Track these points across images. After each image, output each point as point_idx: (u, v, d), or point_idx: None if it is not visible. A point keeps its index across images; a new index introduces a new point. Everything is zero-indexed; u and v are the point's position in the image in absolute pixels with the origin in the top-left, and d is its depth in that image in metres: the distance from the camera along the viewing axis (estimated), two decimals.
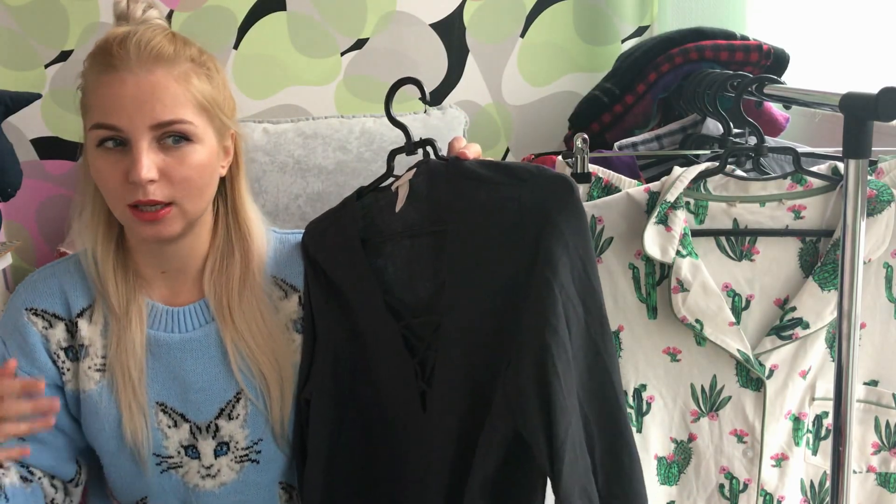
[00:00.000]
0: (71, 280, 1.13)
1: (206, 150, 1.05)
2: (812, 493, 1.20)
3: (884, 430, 1.18)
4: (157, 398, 1.11)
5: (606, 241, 1.17)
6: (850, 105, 0.98)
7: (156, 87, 1.00)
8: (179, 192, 1.03)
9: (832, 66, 1.63)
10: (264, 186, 1.87)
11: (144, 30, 1.03)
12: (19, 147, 1.85)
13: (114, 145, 1.01)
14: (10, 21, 1.99)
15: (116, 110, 0.99)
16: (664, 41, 1.59)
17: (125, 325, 1.09)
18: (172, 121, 1.01)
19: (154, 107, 1.00)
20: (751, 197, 1.16)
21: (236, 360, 1.11)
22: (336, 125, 1.95)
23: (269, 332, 1.12)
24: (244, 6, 2.01)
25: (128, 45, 1.00)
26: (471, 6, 2.02)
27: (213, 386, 1.12)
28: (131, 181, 1.00)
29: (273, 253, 1.17)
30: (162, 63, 1.01)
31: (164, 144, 1.01)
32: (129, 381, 1.09)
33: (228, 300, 1.11)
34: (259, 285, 1.13)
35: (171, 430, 1.12)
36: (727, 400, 1.18)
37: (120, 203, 1.03)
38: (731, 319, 1.13)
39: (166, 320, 1.12)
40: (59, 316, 1.12)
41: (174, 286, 1.14)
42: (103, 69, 1.01)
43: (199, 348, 1.12)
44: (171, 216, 1.03)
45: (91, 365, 1.11)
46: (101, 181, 1.03)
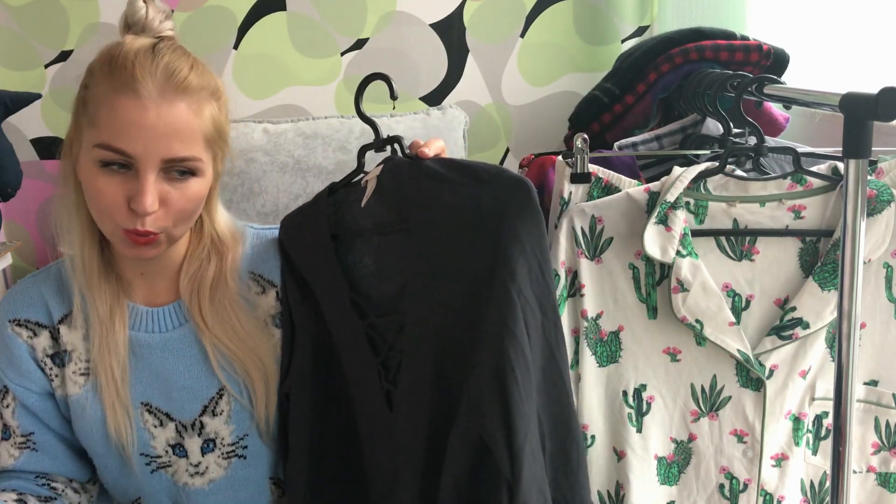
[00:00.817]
0: (50, 288, 1.13)
1: (205, 182, 1.05)
2: (812, 493, 1.20)
3: (884, 430, 1.18)
4: (141, 398, 1.12)
5: (606, 241, 1.17)
6: (850, 105, 0.98)
7: (176, 121, 0.98)
8: (173, 221, 1.03)
9: (832, 66, 1.64)
10: (264, 186, 1.87)
11: (170, 54, 1.00)
12: (19, 147, 1.85)
13: (118, 167, 0.99)
14: (10, 21, 1.99)
15: (132, 137, 0.97)
16: (664, 41, 1.59)
17: (108, 328, 1.09)
18: (186, 158, 1.00)
19: (171, 142, 0.98)
20: (751, 197, 1.16)
21: (217, 359, 1.11)
22: (336, 125, 1.95)
23: (247, 332, 1.12)
24: (244, 6, 2.01)
25: (154, 71, 0.97)
26: (471, 6, 2.02)
27: (195, 384, 1.12)
28: (132, 208, 0.99)
29: (250, 249, 1.17)
30: (184, 96, 0.99)
31: (170, 176, 1.01)
32: (112, 381, 1.09)
33: (200, 305, 1.11)
34: (232, 288, 1.13)
35: (158, 430, 1.13)
36: (727, 400, 1.18)
37: (113, 223, 1.02)
38: (731, 319, 1.13)
39: (146, 321, 1.12)
40: (42, 324, 1.12)
41: (153, 287, 1.14)
42: (122, 89, 0.97)
43: (179, 347, 1.12)
44: (159, 241, 1.04)
45: (75, 370, 1.11)
46: (97, 200, 1.01)
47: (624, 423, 1.19)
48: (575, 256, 1.17)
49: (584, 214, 1.17)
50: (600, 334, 1.19)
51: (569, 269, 1.18)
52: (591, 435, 1.20)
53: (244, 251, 1.17)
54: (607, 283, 1.18)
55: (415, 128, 1.94)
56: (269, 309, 1.16)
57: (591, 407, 1.20)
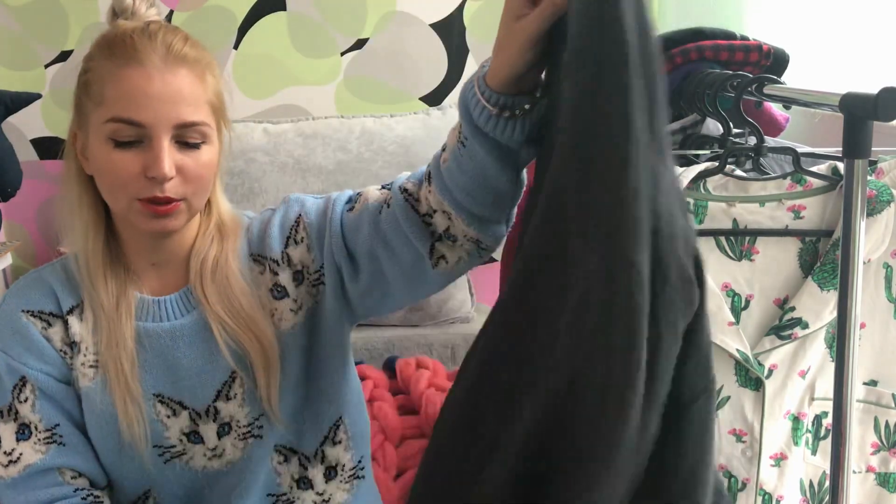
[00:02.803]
0: (58, 280, 1.13)
1: (215, 149, 1.07)
2: (811, 493, 1.20)
3: (883, 430, 1.18)
4: (153, 390, 1.11)
5: None
6: (850, 105, 0.98)
7: (181, 87, 1.01)
8: (191, 189, 1.04)
9: (832, 66, 1.64)
10: (264, 186, 1.87)
11: (164, 30, 1.04)
12: (19, 147, 1.85)
13: (129, 140, 1.00)
14: (10, 21, 1.99)
15: (141, 105, 0.99)
16: (664, 41, 1.59)
17: (115, 320, 1.09)
18: (195, 122, 1.02)
19: (180, 107, 1.01)
20: (750, 197, 1.16)
21: (225, 341, 1.10)
22: (336, 125, 1.95)
23: (248, 312, 1.11)
24: (244, 6, 2.01)
25: (154, 41, 1.01)
26: (471, 6, 2.02)
27: (207, 369, 1.12)
28: (150, 177, 1.00)
29: (245, 232, 1.17)
30: (186, 64, 1.02)
31: (182, 144, 1.02)
32: (122, 374, 1.08)
33: (203, 284, 1.12)
34: (233, 266, 1.13)
35: (171, 420, 1.12)
36: (726, 399, 1.18)
37: (129, 197, 1.02)
38: (730, 319, 1.13)
39: (153, 310, 1.12)
40: (54, 314, 1.11)
41: (164, 276, 1.14)
42: (125, 61, 1.00)
43: (189, 334, 1.11)
44: (180, 211, 1.04)
45: (84, 362, 1.10)
46: (112, 176, 1.03)
47: None
48: None
49: None
50: None
51: None
52: None
53: (244, 236, 1.17)
54: None
55: (415, 128, 1.94)
56: (268, 285, 1.15)
57: None
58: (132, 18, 1.07)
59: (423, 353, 1.86)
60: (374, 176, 1.90)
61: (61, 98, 2.05)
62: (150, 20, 1.07)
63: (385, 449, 1.51)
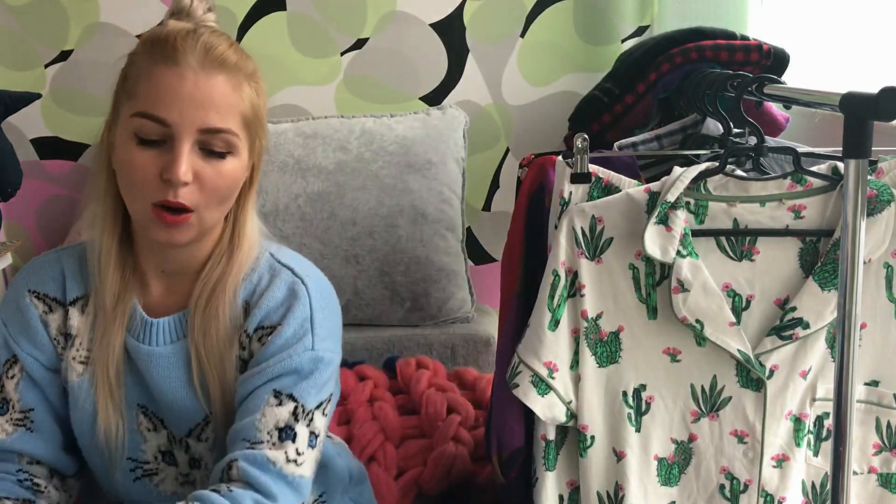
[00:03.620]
0: (71, 267, 1.11)
1: (240, 164, 1.03)
2: (813, 494, 1.20)
3: (885, 431, 1.18)
4: (138, 400, 1.10)
5: (606, 242, 1.17)
6: (850, 105, 0.98)
7: (213, 92, 0.99)
8: (205, 200, 1.01)
9: (832, 66, 1.64)
10: (264, 186, 1.87)
11: (210, 33, 1.02)
12: (19, 147, 1.85)
13: (153, 139, 0.99)
14: (10, 21, 1.99)
15: (168, 104, 0.97)
16: (664, 41, 1.59)
17: (110, 323, 1.07)
18: (222, 129, 0.99)
19: (208, 111, 0.98)
20: (751, 197, 1.16)
21: (199, 381, 1.07)
22: (336, 125, 1.95)
23: (221, 354, 1.07)
24: (244, 6, 2.01)
25: (195, 44, 0.99)
26: (471, 6, 2.02)
27: (182, 405, 1.09)
28: (166, 179, 0.98)
29: (256, 279, 1.09)
30: (223, 69, 1.00)
31: (205, 151, 1.00)
32: (107, 379, 1.07)
33: (195, 308, 1.07)
34: (227, 301, 1.07)
35: (151, 434, 1.10)
36: (727, 400, 1.18)
37: (144, 200, 1.00)
38: (731, 319, 1.13)
39: (141, 330, 1.09)
40: (58, 300, 1.10)
41: (170, 287, 1.11)
42: (162, 59, 0.99)
43: (167, 365, 1.08)
44: (189, 223, 1.01)
45: (75, 356, 1.09)
46: (130, 174, 1.00)
47: (623, 423, 1.19)
48: (575, 257, 1.17)
49: (584, 214, 1.16)
50: (600, 335, 1.19)
51: (569, 269, 1.18)
52: (590, 435, 1.20)
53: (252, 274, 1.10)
54: (607, 283, 1.17)
55: (415, 128, 1.94)
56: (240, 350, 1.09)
57: (590, 407, 1.20)
58: (187, 19, 1.05)
59: (423, 353, 1.86)
60: (374, 176, 1.90)
61: (61, 98, 2.05)
62: (204, 23, 1.05)
63: (385, 449, 1.51)
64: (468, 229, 2.12)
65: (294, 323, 1.06)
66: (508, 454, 1.26)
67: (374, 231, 1.90)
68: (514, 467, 1.27)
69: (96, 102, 2.03)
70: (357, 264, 1.90)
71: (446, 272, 1.93)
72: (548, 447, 1.22)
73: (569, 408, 1.20)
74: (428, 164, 1.92)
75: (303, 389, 1.05)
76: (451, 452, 1.49)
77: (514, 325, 1.26)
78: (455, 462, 1.48)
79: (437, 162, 1.93)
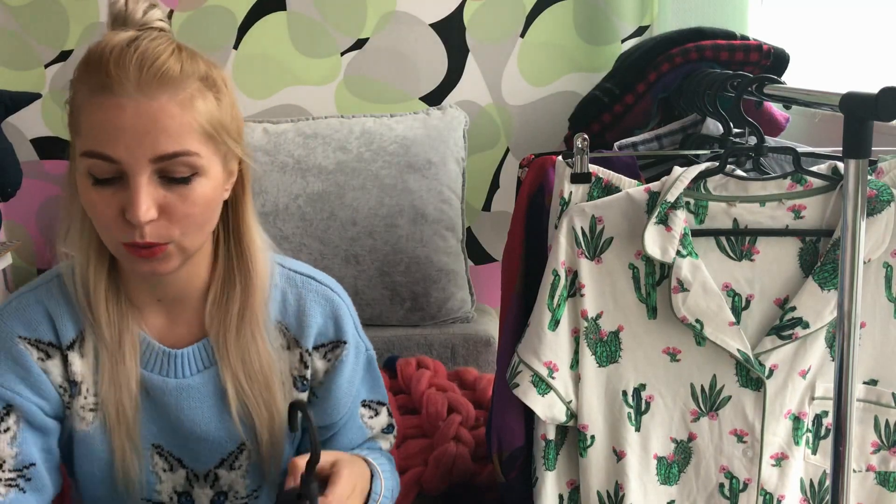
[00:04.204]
0: (57, 306, 1.01)
1: (212, 183, 0.93)
2: (812, 493, 1.20)
3: (883, 430, 1.18)
4: (153, 440, 1.04)
5: (606, 241, 1.17)
6: (850, 105, 0.98)
7: (159, 116, 0.87)
8: (179, 229, 0.91)
9: (832, 66, 1.64)
10: (264, 186, 1.87)
11: (147, 43, 0.89)
12: (19, 147, 1.85)
13: (107, 177, 0.89)
14: (10, 21, 1.99)
15: (112, 140, 0.87)
16: (664, 41, 1.59)
17: (119, 360, 0.99)
18: (177, 152, 0.88)
19: (157, 137, 0.87)
20: (751, 197, 1.16)
21: (237, 408, 1.01)
22: (336, 125, 1.95)
23: (266, 378, 1.02)
24: (244, 6, 2.01)
25: (126, 65, 0.87)
26: (471, 6, 2.02)
27: (215, 435, 1.04)
28: (126, 220, 0.89)
29: (280, 295, 1.05)
30: (166, 86, 0.88)
31: (166, 179, 0.90)
32: (124, 419, 0.99)
33: (226, 336, 1.01)
34: (259, 323, 1.02)
35: (166, 475, 1.05)
36: (727, 400, 1.18)
37: (113, 240, 0.92)
38: (731, 319, 1.13)
39: (162, 362, 1.02)
40: (53, 344, 1.00)
41: (171, 316, 1.04)
42: (99, 88, 0.88)
43: (197, 396, 1.02)
44: (168, 253, 0.92)
45: (84, 404, 1.01)
46: (92, 214, 0.92)
47: (623, 422, 1.19)
48: (575, 256, 1.17)
49: (584, 214, 1.17)
50: (600, 334, 1.19)
51: (569, 269, 1.18)
52: (590, 435, 1.20)
53: (272, 295, 1.05)
54: (607, 283, 1.18)
55: (415, 128, 1.95)
56: (292, 368, 1.06)
57: (590, 407, 1.20)
58: (127, 26, 0.94)
59: (423, 353, 1.86)
60: (374, 176, 1.90)
61: (61, 98, 2.04)
62: (151, 27, 0.94)
63: None
64: (468, 229, 2.12)
65: (350, 333, 1.09)
66: (508, 454, 1.26)
67: (374, 231, 1.90)
68: (514, 467, 1.27)
69: None
70: (357, 264, 1.91)
71: (446, 272, 1.93)
72: (548, 447, 1.22)
73: (569, 407, 1.20)
74: (428, 164, 1.92)
75: (380, 391, 1.15)
76: (452, 452, 1.49)
77: (514, 324, 1.26)
78: (456, 462, 1.49)
79: (437, 162, 1.93)
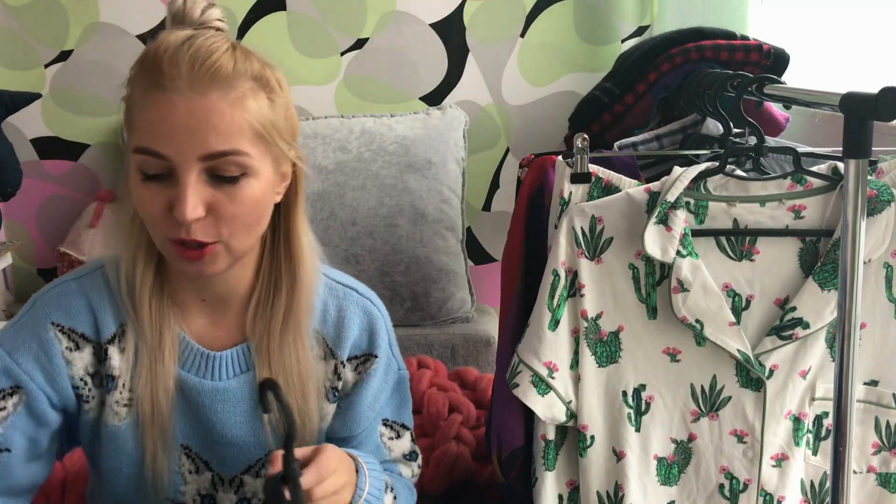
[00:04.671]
0: (100, 299, 1.00)
1: (261, 184, 0.92)
2: (812, 494, 1.20)
3: (884, 430, 1.18)
4: (183, 440, 1.03)
5: (606, 242, 1.17)
6: (850, 105, 0.98)
7: (209, 114, 0.87)
8: (227, 230, 0.91)
9: (832, 66, 1.64)
10: None
11: (202, 41, 0.90)
12: (19, 147, 1.85)
13: (157, 173, 0.89)
14: (10, 21, 1.99)
15: (163, 137, 0.87)
16: (664, 41, 1.59)
17: (158, 358, 0.99)
18: (226, 151, 0.88)
19: (207, 136, 0.87)
20: (751, 197, 1.16)
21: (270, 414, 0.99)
22: (336, 125, 1.95)
23: (303, 385, 1.02)
24: (244, 6, 2.01)
25: (179, 62, 0.87)
26: (471, 6, 2.02)
27: (244, 441, 1.04)
28: (173, 216, 0.89)
29: (321, 304, 1.05)
30: (217, 84, 0.88)
31: (215, 178, 0.90)
32: (158, 418, 0.99)
33: (269, 342, 1.01)
34: (302, 330, 1.02)
35: (192, 477, 1.04)
36: (727, 400, 1.18)
37: (161, 236, 0.92)
38: (731, 319, 1.13)
39: (200, 363, 1.01)
40: (87, 338, 1.00)
41: (213, 317, 1.03)
42: (153, 85, 0.88)
43: (231, 399, 1.02)
44: (216, 253, 0.92)
45: (119, 399, 1.00)
46: (141, 209, 0.92)
47: (623, 423, 1.19)
48: (575, 256, 1.17)
49: (584, 214, 1.17)
50: (600, 334, 1.19)
51: (569, 269, 1.18)
52: (590, 435, 1.20)
53: (315, 303, 1.05)
54: (607, 283, 1.18)
55: (415, 128, 1.95)
56: (325, 378, 1.05)
57: (590, 407, 1.20)
58: (185, 25, 0.94)
59: (423, 353, 1.86)
60: (374, 176, 1.90)
61: (61, 98, 2.05)
62: (204, 25, 0.94)
63: None
64: (468, 229, 2.12)
65: (383, 347, 1.08)
66: (508, 454, 1.26)
67: (374, 231, 1.90)
68: (513, 467, 1.27)
69: (96, 102, 2.03)
70: (357, 264, 1.91)
71: (446, 272, 1.93)
72: (547, 447, 1.22)
73: (569, 408, 1.20)
74: (428, 164, 1.92)
75: (406, 414, 1.12)
76: (453, 452, 1.49)
77: (514, 325, 1.26)
78: (457, 461, 1.48)
79: (437, 162, 1.93)
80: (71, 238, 2.01)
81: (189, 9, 0.94)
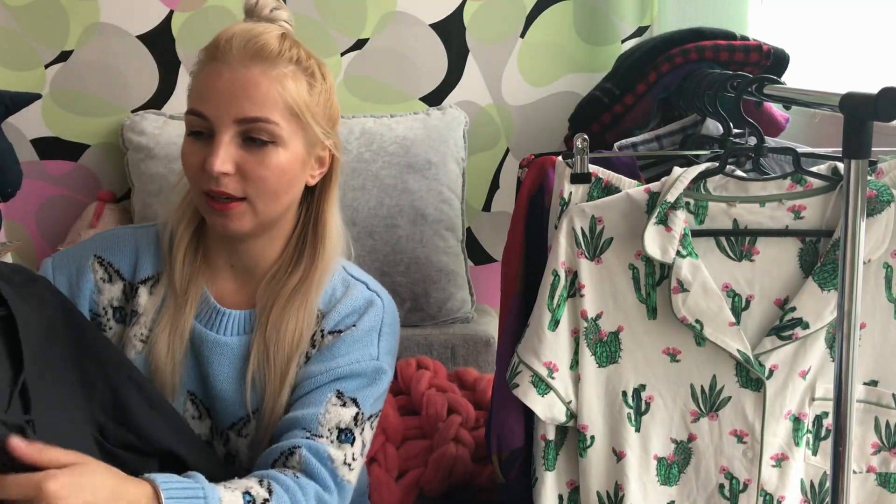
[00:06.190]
0: (146, 246, 1.13)
1: (289, 155, 1.04)
2: (812, 494, 1.20)
3: (884, 431, 1.18)
4: (188, 387, 1.11)
5: (606, 242, 1.17)
6: (850, 105, 0.98)
7: (248, 83, 1.01)
8: (252, 189, 1.03)
9: (832, 66, 1.64)
10: None
11: (260, 28, 1.04)
12: (19, 147, 1.85)
13: (199, 130, 1.03)
14: (10, 21, 1.99)
15: (207, 99, 1.02)
16: (664, 41, 1.59)
17: (181, 305, 1.09)
18: (258, 118, 1.01)
19: (242, 102, 1.00)
20: (751, 197, 1.16)
21: (253, 376, 1.08)
22: None
23: (290, 353, 1.08)
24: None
25: (234, 41, 1.02)
26: (471, 6, 2.02)
27: (231, 398, 1.10)
28: (205, 169, 1.01)
29: (330, 289, 1.13)
30: (260, 61, 1.02)
31: (248, 141, 1.02)
32: (170, 359, 1.08)
33: (272, 308, 1.09)
34: (309, 305, 1.09)
35: (195, 423, 1.11)
36: (727, 400, 1.18)
37: (196, 187, 1.05)
38: (731, 319, 1.13)
39: (211, 316, 1.11)
40: (121, 275, 1.12)
41: (237, 283, 1.13)
42: (207, 59, 1.04)
43: (228, 355, 1.10)
44: (241, 211, 1.03)
45: (137, 333, 1.10)
46: (184, 163, 1.05)
47: (623, 423, 1.19)
48: (575, 257, 1.17)
49: (584, 215, 1.17)
50: (600, 335, 1.19)
51: (569, 269, 1.18)
52: (590, 435, 1.20)
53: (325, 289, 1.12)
54: (607, 283, 1.18)
55: (415, 128, 1.94)
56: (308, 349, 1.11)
57: (590, 407, 1.20)
58: (254, 19, 1.09)
59: (423, 354, 1.86)
60: (374, 176, 1.90)
61: (61, 98, 2.05)
62: (273, 21, 1.08)
63: (386, 450, 1.51)
64: (468, 229, 2.12)
65: (365, 327, 1.11)
66: (508, 454, 1.26)
67: (374, 231, 1.90)
68: (513, 467, 1.27)
69: (96, 102, 2.03)
70: (357, 265, 1.90)
71: (446, 272, 1.93)
72: (547, 447, 1.22)
73: (568, 408, 1.20)
74: (428, 165, 1.92)
75: (365, 396, 1.09)
76: (453, 453, 1.49)
77: (514, 325, 1.26)
78: (456, 463, 1.49)
79: (437, 162, 1.93)
80: (71, 238, 2.01)
81: (260, 6, 1.09)
